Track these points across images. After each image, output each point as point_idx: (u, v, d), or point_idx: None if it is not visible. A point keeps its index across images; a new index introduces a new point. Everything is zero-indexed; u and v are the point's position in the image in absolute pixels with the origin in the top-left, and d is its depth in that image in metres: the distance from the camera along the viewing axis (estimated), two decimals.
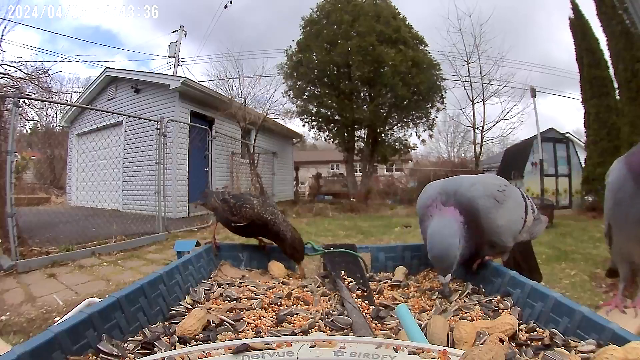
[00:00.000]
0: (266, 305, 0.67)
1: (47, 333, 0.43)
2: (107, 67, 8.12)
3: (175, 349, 0.50)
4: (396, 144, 10.72)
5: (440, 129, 15.61)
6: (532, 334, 0.53)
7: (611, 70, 6.90)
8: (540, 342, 0.50)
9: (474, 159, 11.33)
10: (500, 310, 0.63)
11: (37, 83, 5.99)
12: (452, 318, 0.60)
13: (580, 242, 4.27)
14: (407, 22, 9.77)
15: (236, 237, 0.98)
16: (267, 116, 8.75)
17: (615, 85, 6.85)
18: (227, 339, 0.53)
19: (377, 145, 10.30)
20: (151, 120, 5.32)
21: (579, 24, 7.52)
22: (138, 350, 0.50)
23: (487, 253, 0.80)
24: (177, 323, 0.58)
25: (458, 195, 0.77)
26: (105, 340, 0.50)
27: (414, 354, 0.41)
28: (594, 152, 7.22)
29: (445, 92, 10.50)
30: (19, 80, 5.57)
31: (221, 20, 26.69)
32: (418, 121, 10.54)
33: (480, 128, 11.06)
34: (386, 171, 17.44)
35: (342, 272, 0.81)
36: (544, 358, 0.46)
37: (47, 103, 9.64)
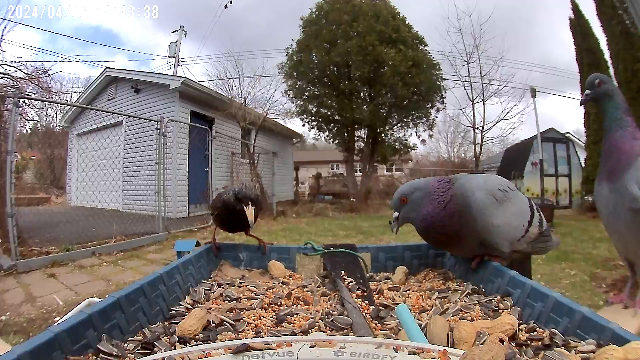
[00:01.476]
0: (266, 305, 0.67)
1: (47, 333, 0.43)
2: (107, 67, 8.12)
3: (175, 349, 0.50)
4: (396, 144, 10.72)
5: (440, 129, 15.58)
6: (532, 334, 0.53)
7: (611, 70, 6.90)
8: (540, 342, 0.50)
9: (474, 159, 11.32)
10: (500, 310, 0.63)
11: (37, 83, 5.98)
12: (452, 318, 0.60)
13: (580, 242, 4.27)
14: (406, 22, 9.77)
15: (236, 237, 0.98)
16: (267, 116, 8.75)
17: (616, 85, 6.84)
18: (227, 339, 0.53)
19: (377, 145, 10.31)
20: (151, 120, 5.32)
21: (579, 24, 7.52)
22: (138, 350, 0.50)
23: (480, 252, 0.79)
24: (177, 323, 0.58)
25: (458, 182, 0.79)
26: (105, 340, 0.50)
27: (414, 354, 0.41)
28: (594, 152, 7.21)
29: (445, 92, 10.52)
30: (19, 80, 5.56)
31: (221, 20, 26.61)
32: (418, 121, 10.56)
33: (480, 128, 11.05)
34: (386, 171, 17.44)
35: (342, 272, 0.80)
36: (544, 358, 0.46)
37: (47, 103, 9.63)
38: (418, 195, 0.80)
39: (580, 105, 0.88)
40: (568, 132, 9.88)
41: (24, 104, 4.72)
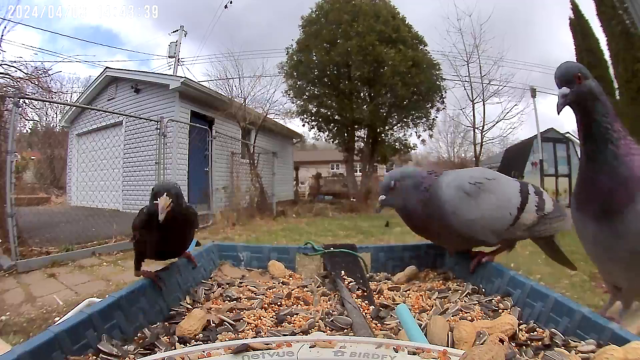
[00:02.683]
0: (266, 305, 0.68)
1: (47, 333, 0.43)
2: (107, 67, 8.12)
3: (175, 349, 0.50)
4: (396, 144, 10.74)
5: (440, 129, 15.54)
6: (532, 334, 0.53)
7: (611, 71, 6.90)
8: (540, 342, 0.51)
9: (474, 159, 11.31)
10: (500, 310, 0.63)
11: (37, 83, 5.98)
12: (452, 318, 0.60)
13: (580, 242, 4.27)
14: (406, 22, 9.78)
15: (236, 236, 0.98)
16: (267, 116, 8.75)
17: (616, 85, 6.85)
18: (227, 339, 0.53)
19: (377, 145, 10.31)
20: (151, 120, 5.32)
21: (579, 24, 7.53)
22: (138, 350, 0.50)
23: (469, 245, 0.80)
24: (177, 323, 0.58)
25: (438, 180, 0.80)
26: (105, 340, 0.50)
27: (414, 354, 0.41)
28: None
29: (445, 92, 10.52)
30: (19, 80, 5.56)
31: (221, 20, 26.46)
32: (418, 121, 10.56)
33: (480, 128, 11.04)
34: (386, 171, 17.44)
35: (342, 272, 0.81)
36: (544, 358, 0.46)
37: (47, 103, 9.63)
38: (406, 184, 0.80)
39: (558, 112, 0.60)
40: (568, 132, 9.87)
41: (24, 104, 4.72)
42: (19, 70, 5.72)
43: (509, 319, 0.54)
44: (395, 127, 10.72)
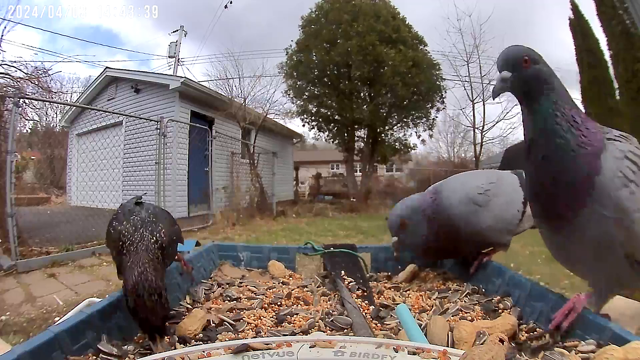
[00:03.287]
0: (266, 305, 0.68)
1: (47, 333, 0.43)
2: (107, 67, 8.11)
3: (175, 349, 0.50)
4: (396, 144, 10.74)
5: (440, 129, 15.54)
6: (532, 334, 0.53)
7: (611, 71, 6.90)
8: (540, 342, 0.50)
9: (474, 159, 11.31)
10: (500, 310, 0.63)
11: (37, 83, 5.97)
12: (452, 318, 0.60)
13: None
14: (406, 22, 9.78)
15: (236, 236, 0.97)
16: (267, 116, 8.75)
17: (616, 85, 6.85)
18: (227, 339, 0.53)
19: (377, 145, 10.31)
20: (151, 120, 5.32)
21: (579, 25, 7.52)
22: (138, 350, 0.50)
23: (479, 249, 0.80)
24: (177, 323, 0.58)
25: (439, 196, 0.79)
26: (105, 340, 0.50)
27: (414, 354, 0.41)
28: None
29: (445, 92, 10.51)
30: (19, 80, 5.56)
31: (221, 20, 26.43)
32: (418, 121, 10.56)
33: (480, 128, 11.04)
34: (386, 171, 17.44)
35: (342, 272, 0.81)
36: (544, 358, 0.46)
37: (47, 103, 9.63)
38: (417, 218, 0.79)
39: (493, 98, 0.54)
40: None
41: (24, 104, 4.71)
42: (19, 70, 5.72)
43: (509, 319, 0.54)
44: (395, 127, 10.73)
